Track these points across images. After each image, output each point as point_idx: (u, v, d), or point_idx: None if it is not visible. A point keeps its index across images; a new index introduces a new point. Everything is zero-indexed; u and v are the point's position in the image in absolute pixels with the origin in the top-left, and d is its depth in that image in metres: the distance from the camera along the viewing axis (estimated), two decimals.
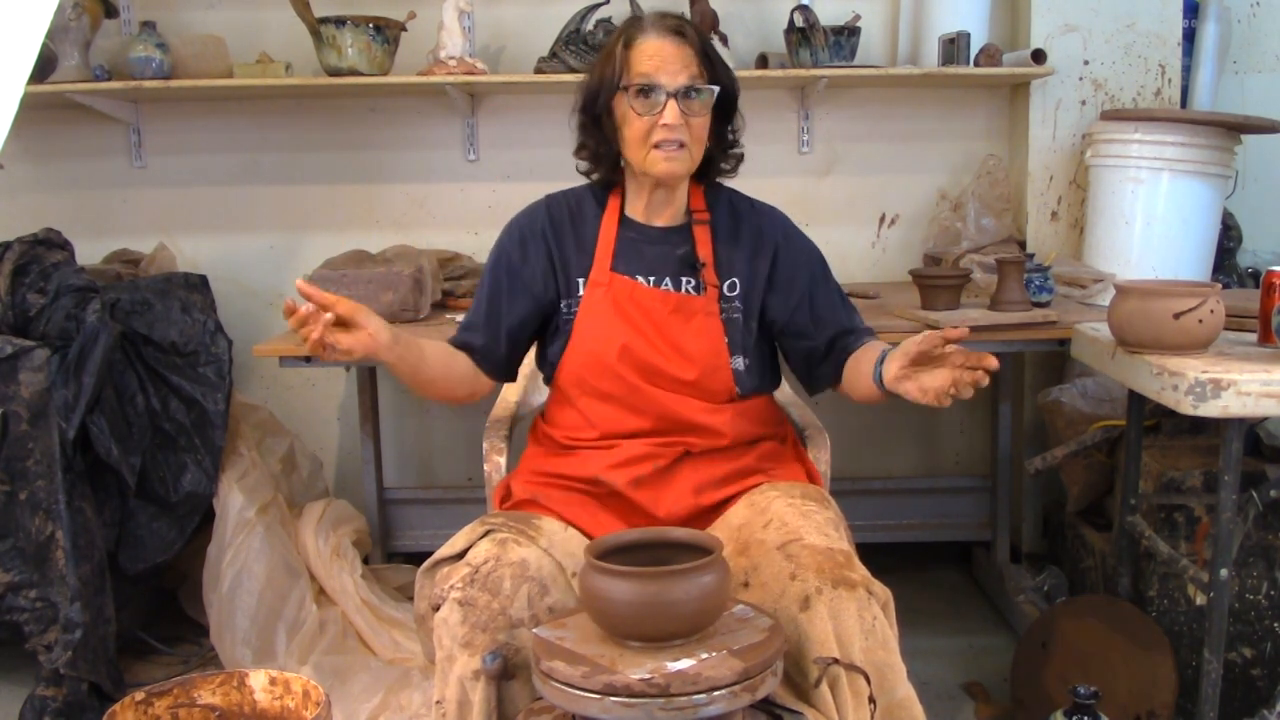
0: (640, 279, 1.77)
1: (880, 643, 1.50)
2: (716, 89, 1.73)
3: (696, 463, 1.75)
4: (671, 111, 1.68)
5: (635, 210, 1.82)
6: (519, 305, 1.80)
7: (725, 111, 1.80)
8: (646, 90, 1.68)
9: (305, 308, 1.49)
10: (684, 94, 1.69)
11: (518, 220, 1.86)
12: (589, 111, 1.77)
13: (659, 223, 1.81)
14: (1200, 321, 1.85)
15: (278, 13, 2.97)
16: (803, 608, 1.49)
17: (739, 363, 1.79)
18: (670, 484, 1.74)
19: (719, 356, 1.77)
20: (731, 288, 1.81)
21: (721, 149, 1.84)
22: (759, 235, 1.84)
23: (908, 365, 1.53)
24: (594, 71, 1.77)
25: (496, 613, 1.48)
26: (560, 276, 1.80)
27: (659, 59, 1.68)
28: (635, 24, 1.74)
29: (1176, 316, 1.85)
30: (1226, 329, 1.95)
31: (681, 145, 1.70)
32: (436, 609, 1.53)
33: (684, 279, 1.79)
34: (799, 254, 1.86)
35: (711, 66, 1.73)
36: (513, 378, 1.92)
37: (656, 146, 1.69)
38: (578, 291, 1.79)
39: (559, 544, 1.61)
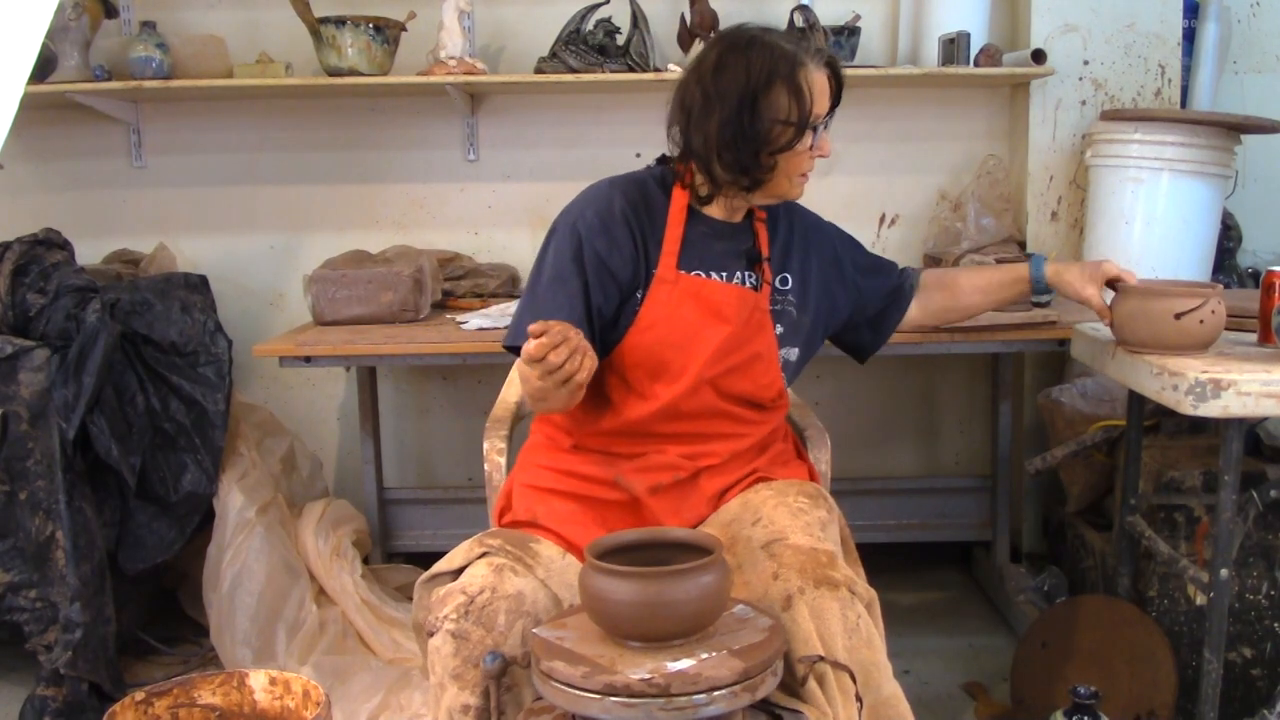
0: (714, 275, 1.74)
1: (864, 641, 1.50)
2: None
3: (713, 474, 1.74)
4: (826, 142, 1.71)
5: (712, 208, 1.77)
6: (609, 299, 1.68)
7: None
8: (818, 127, 1.69)
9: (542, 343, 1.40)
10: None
11: (591, 206, 1.72)
12: (773, 145, 1.66)
13: (730, 219, 1.79)
14: (1201, 322, 1.84)
15: (278, 13, 2.97)
16: (785, 607, 1.49)
17: (791, 354, 1.81)
18: (688, 496, 1.72)
19: (773, 352, 1.77)
20: (784, 282, 1.81)
21: None
22: (803, 232, 1.87)
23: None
24: (769, 104, 1.64)
25: (489, 648, 1.46)
26: (642, 263, 1.70)
27: (820, 93, 1.68)
28: (800, 59, 1.66)
29: (1178, 317, 1.84)
30: (1226, 329, 1.95)
31: None
32: (431, 635, 1.51)
33: (746, 274, 1.77)
34: (830, 238, 1.91)
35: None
36: None
37: (802, 174, 1.73)
38: (649, 285, 1.71)
39: (556, 574, 1.57)
